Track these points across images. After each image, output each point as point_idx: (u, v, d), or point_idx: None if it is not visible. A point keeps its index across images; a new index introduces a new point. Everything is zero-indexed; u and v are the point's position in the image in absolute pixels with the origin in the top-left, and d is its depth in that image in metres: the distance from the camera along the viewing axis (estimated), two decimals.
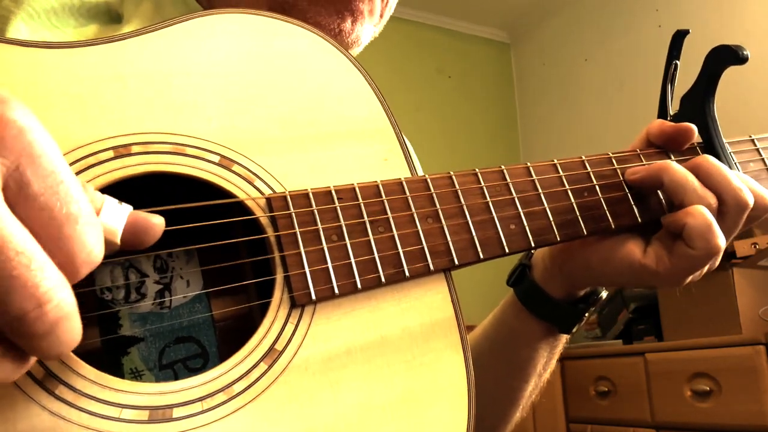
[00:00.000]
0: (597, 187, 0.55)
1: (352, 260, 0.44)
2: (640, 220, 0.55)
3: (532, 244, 0.51)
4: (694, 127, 0.58)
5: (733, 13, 2.85)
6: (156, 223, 0.35)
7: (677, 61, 0.58)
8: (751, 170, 0.60)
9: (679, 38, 0.58)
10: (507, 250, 0.50)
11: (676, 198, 0.54)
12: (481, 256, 0.48)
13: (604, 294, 0.64)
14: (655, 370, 2.24)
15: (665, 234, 0.55)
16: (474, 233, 0.49)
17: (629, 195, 0.56)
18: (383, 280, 0.45)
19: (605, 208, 0.54)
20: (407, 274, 0.46)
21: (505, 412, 0.69)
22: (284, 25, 0.49)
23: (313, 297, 0.42)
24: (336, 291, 0.43)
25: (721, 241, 0.51)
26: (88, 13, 0.54)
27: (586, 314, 0.64)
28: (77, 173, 0.38)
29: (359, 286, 0.44)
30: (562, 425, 2.58)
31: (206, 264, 0.47)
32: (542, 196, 0.52)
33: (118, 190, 0.38)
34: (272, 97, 0.47)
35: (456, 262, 0.47)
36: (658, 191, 0.56)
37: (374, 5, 0.65)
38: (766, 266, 2.19)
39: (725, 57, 0.57)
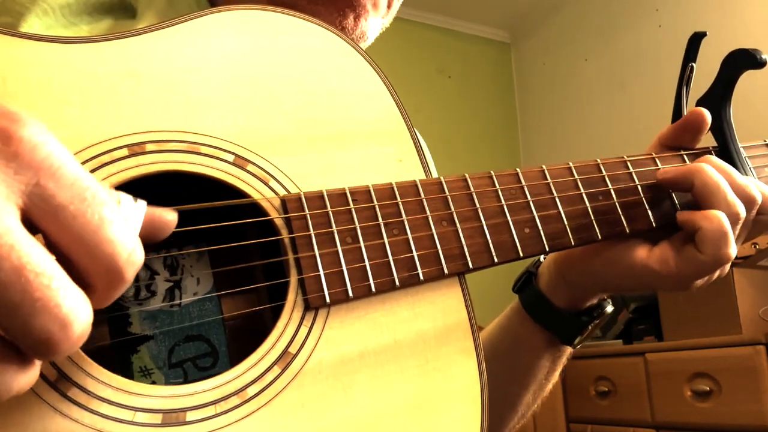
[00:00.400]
0: (612, 191, 0.54)
1: (367, 263, 0.44)
2: (654, 224, 0.55)
3: (547, 248, 0.50)
4: (702, 110, 0.57)
5: (734, 13, 2.85)
6: (170, 219, 0.35)
7: (693, 64, 0.58)
8: (766, 176, 0.59)
9: (695, 40, 0.57)
10: (521, 254, 0.49)
11: (705, 203, 0.53)
12: (496, 260, 0.48)
13: (609, 309, 0.64)
14: (655, 370, 2.24)
15: (676, 236, 0.54)
16: (488, 237, 0.48)
17: (644, 199, 0.55)
18: (397, 283, 0.44)
19: (620, 213, 0.54)
20: (421, 277, 0.45)
21: (502, 416, 0.69)
22: (300, 23, 0.49)
23: (328, 300, 0.42)
24: (350, 294, 0.43)
25: (732, 251, 0.51)
26: (102, 8, 0.53)
27: (590, 327, 0.63)
28: (91, 171, 0.38)
29: (373, 289, 0.43)
30: (562, 425, 2.57)
31: (217, 261, 0.47)
32: (557, 199, 0.52)
33: (131, 187, 0.38)
34: (286, 96, 0.46)
35: (470, 266, 0.47)
36: (673, 196, 0.56)
37: None
38: (766, 266, 2.19)
39: (742, 61, 0.56)
